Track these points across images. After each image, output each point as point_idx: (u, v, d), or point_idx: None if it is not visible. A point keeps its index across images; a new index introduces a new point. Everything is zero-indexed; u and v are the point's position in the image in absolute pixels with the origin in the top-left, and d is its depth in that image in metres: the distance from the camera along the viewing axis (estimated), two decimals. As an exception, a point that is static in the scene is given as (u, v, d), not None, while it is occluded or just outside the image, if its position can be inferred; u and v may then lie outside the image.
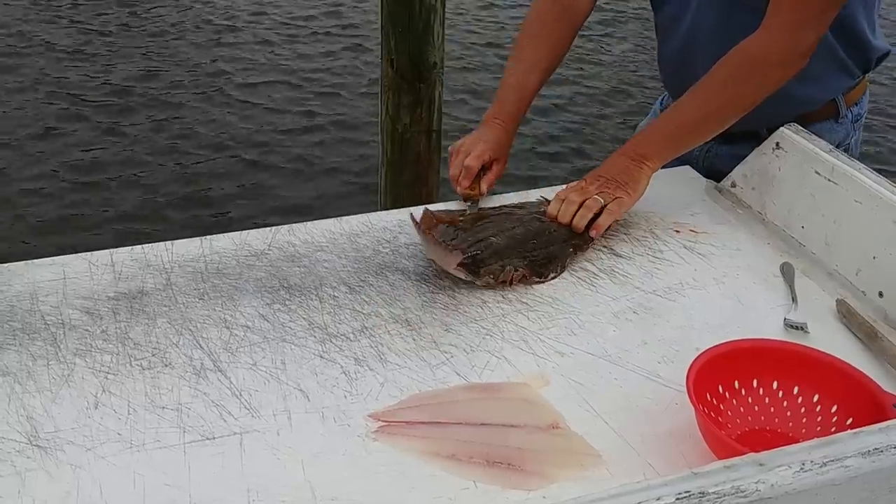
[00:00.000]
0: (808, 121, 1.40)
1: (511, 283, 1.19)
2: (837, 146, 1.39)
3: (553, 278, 1.21)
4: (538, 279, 1.20)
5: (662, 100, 1.69)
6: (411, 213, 1.26)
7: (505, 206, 1.39)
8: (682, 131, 1.34)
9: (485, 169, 1.40)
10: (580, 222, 1.28)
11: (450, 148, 1.43)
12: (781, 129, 1.35)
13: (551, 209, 1.32)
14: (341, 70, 5.30)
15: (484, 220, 1.31)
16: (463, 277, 1.18)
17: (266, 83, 5.09)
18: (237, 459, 0.89)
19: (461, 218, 1.32)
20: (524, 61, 1.47)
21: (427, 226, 1.28)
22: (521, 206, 1.38)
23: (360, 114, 4.75)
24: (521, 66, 1.47)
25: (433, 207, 1.37)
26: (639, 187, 1.31)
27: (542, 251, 1.24)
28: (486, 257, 1.21)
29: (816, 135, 1.39)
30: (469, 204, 1.37)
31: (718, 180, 1.48)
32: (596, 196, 1.30)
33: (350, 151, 4.39)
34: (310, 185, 4.11)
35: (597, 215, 1.29)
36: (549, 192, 1.39)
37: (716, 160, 1.52)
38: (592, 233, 1.28)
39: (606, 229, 1.29)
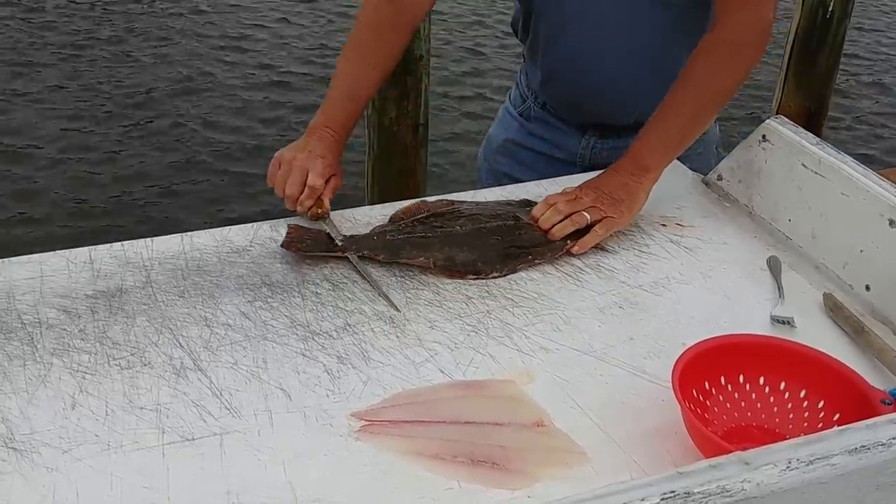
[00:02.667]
0: None
1: (432, 270, 1.18)
2: None
3: (495, 277, 1.18)
4: (473, 275, 1.18)
5: (511, 98, 1.64)
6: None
7: (492, 202, 1.36)
8: (680, 134, 1.32)
9: None
10: (558, 233, 1.24)
11: (275, 159, 1.31)
12: (768, 121, 1.35)
13: (536, 211, 1.28)
14: (327, 62, 5.28)
15: (459, 212, 1.29)
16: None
17: (250, 76, 5.06)
18: (217, 460, 0.88)
19: (440, 209, 1.30)
20: (358, 63, 1.36)
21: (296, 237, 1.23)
22: (507, 203, 1.36)
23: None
24: (355, 68, 1.36)
25: (426, 199, 1.36)
26: (635, 206, 1.28)
27: (499, 249, 1.21)
28: (433, 239, 1.21)
29: None
30: (324, 222, 1.28)
31: None
32: (584, 212, 1.25)
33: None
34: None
35: (580, 231, 1.24)
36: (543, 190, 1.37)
37: (602, 154, 1.52)
38: (574, 249, 1.23)
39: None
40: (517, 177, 1.57)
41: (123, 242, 1.23)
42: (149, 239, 1.24)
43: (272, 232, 1.27)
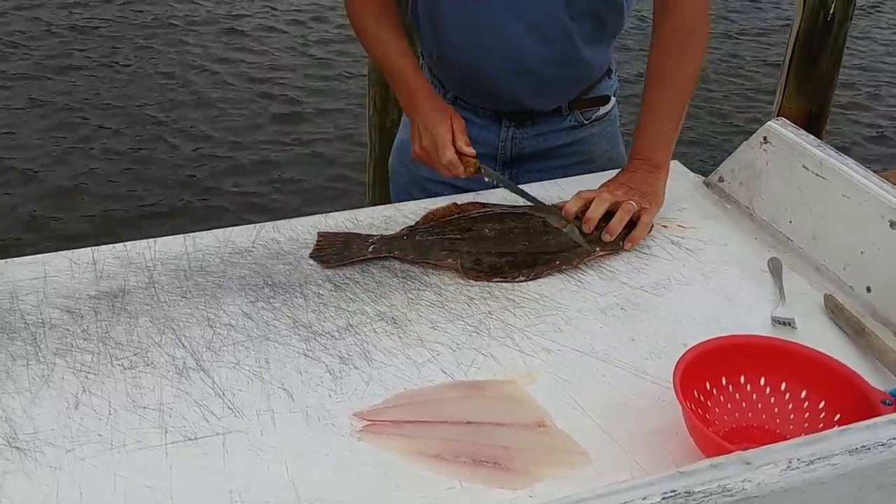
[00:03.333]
0: (593, 84, 1.50)
1: (462, 272, 1.19)
2: (614, 94, 1.53)
3: (521, 281, 1.19)
4: (501, 278, 1.19)
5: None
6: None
7: (523, 205, 1.35)
8: (674, 125, 1.38)
9: None
10: (618, 226, 1.25)
11: (415, 156, 1.39)
12: (769, 123, 1.35)
13: (571, 205, 1.28)
14: (330, 64, 5.28)
15: (490, 215, 1.30)
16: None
17: (256, 79, 5.06)
18: (220, 460, 0.88)
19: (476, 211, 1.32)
20: (385, 41, 1.44)
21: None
22: (538, 208, 1.34)
23: (348, 109, 4.73)
24: (389, 46, 1.43)
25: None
26: (660, 199, 1.33)
27: (526, 254, 1.22)
28: (461, 241, 1.23)
29: (601, 94, 1.52)
30: (483, 170, 1.36)
31: (524, 163, 1.53)
32: (630, 201, 1.27)
33: (338, 147, 4.37)
34: (298, 181, 4.09)
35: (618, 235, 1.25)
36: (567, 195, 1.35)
37: (523, 144, 1.53)
38: (628, 245, 1.25)
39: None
40: (442, 180, 1.50)
41: (126, 243, 1.23)
42: (151, 240, 1.24)
43: (274, 233, 1.28)
